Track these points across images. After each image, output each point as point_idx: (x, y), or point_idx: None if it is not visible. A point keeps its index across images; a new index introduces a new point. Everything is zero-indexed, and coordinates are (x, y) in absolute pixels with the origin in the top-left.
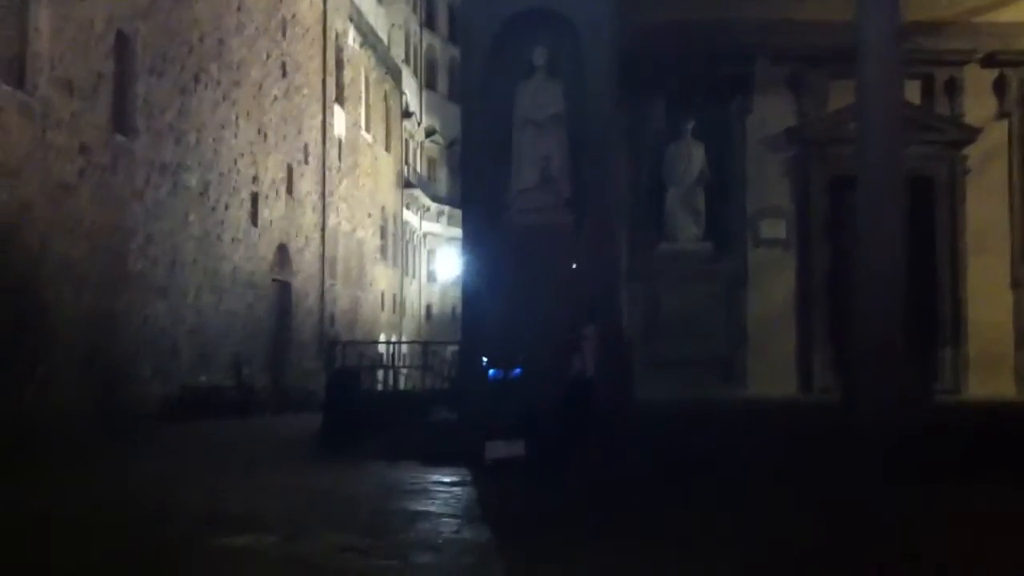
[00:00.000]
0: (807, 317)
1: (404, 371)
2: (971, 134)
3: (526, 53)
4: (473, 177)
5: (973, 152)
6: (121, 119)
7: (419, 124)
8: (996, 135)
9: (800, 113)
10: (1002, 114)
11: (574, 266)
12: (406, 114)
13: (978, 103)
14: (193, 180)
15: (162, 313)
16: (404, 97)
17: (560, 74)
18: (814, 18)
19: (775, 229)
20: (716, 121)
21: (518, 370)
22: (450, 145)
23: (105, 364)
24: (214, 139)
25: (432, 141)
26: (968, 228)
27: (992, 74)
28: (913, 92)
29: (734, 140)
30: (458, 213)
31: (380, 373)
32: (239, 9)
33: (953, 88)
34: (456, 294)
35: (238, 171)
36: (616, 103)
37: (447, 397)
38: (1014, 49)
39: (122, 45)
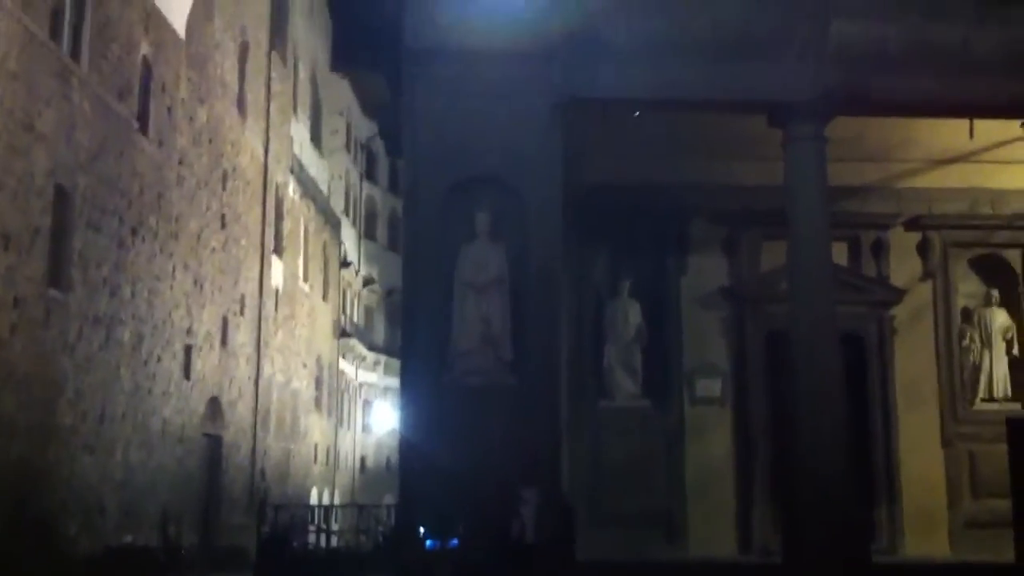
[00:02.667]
0: (746, 474)
1: (337, 531)
2: (897, 294)
3: (469, 216)
4: (414, 338)
5: (900, 312)
6: (56, 273)
7: (357, 273)
8: (921, 295)
9: (734, 272)
10: (926, 275)
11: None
12: (344, 264)
13: (903, 264)
14: (126, 334)
15: (89, 469)
16: (343, 247)
17: (503, 237)
18: (748, 182)
19: (712, 386)
20: (654, 279)
21: (455, 540)
22: (388, 294)
23: (31, 521)
24: (149, 291)
25: (370, 290)
26: (899, 385)
27: (916, 237)
28: (841, 254)
29: (670, 298)
30: (395, 362)
31: (313, 535)
32: (181, 162)
33: (879, 250)
34: (391, 445)
35: (172, 323)
36: (559, 264)
37: (383, 560)
38: (936, 213)
39: (61, 198)
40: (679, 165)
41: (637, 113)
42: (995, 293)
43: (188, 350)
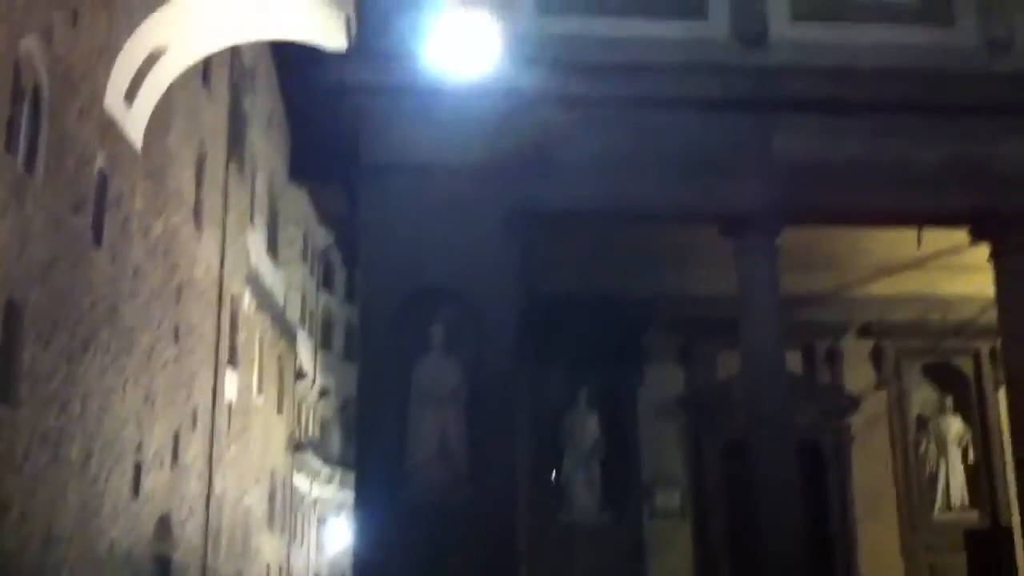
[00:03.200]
0: None
1: None
2: (853, 403)
3: (425, 328)
4: (369, 452)
5: (856, 420)
6: (4, 388)
7: (313, 384)
8: (876, 404)
9: (690, 381)
10: (880, 383)
11: None
12: (300, 375)
13: (858, 372)
14: (75, 450)
15: None
16: (298, 358)
17: (459, 349)
18: (702, 291)
19: (671, 498)
20: (610, 389)
21: None
22: (344, 406)
23: None
24: (100, 407)
25: (326, 402)
26: (857, 495)
27: (869, 344)
28: (796, 362)
29: (628, 409)
30: (351, 476)
31: None
32: (135, 275)
33: (833, 358)
34: (346, 564)
35: (122, 440)
36: (515, 377)
37: None
38: (887, 321)
39: (11, 312)
40: (633, 275)
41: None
42: (949, 400)
43: (138, 467)
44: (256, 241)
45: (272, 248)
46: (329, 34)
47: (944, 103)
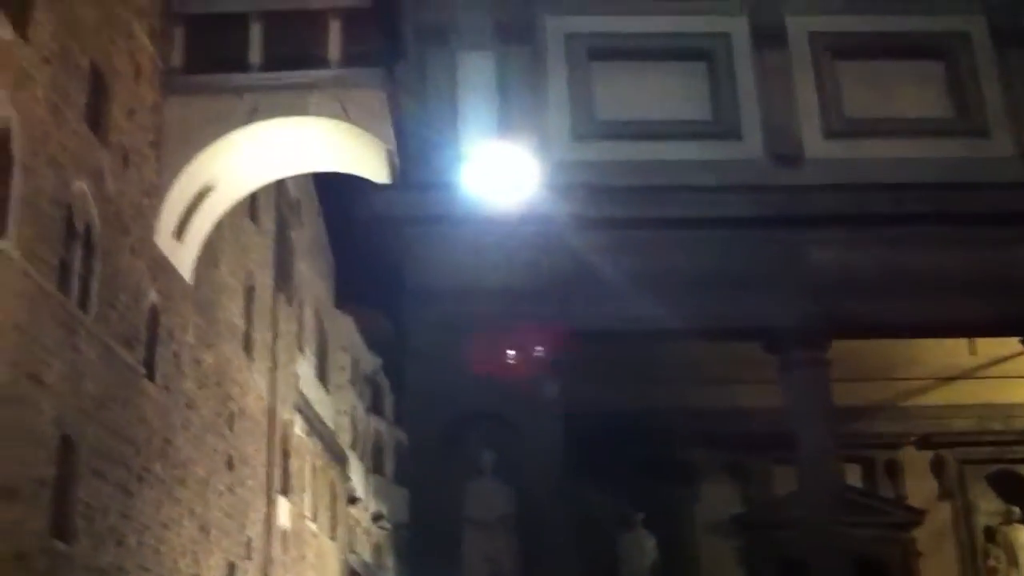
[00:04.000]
0: None
1: None
2: (917, 515)
3: (474, 452)
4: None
5: (921, 534)
6: (61, 524)
7: (366, 509)
8: (942, 515)
9: (746, 498)
10: (944, 494)
11: None
12: (352, 500)
13: (920, 484)
14: None
15: None
16: (350, 483)
17: (508, 473)
18: (752, 405)
19: None
20: (664, 508)
21: None
22: (397, 529)
23: None
24: (156, 540)
25: (379, 526)
26: None
27: (929, 455)
28: (855, 475)
29: (683, 529)
30: None
31: None
32: (187, 407)
33: (894, 470)
34: None
35: (179, 572)
36: (565, 500)
37: None
38: (948, 430)
39: (67, 448)
40: (680, 391)
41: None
42: (1016, 510)
43: None
44: (305, 368)
45: (321, 374)
46: (371, 166)
47: (981, 212)
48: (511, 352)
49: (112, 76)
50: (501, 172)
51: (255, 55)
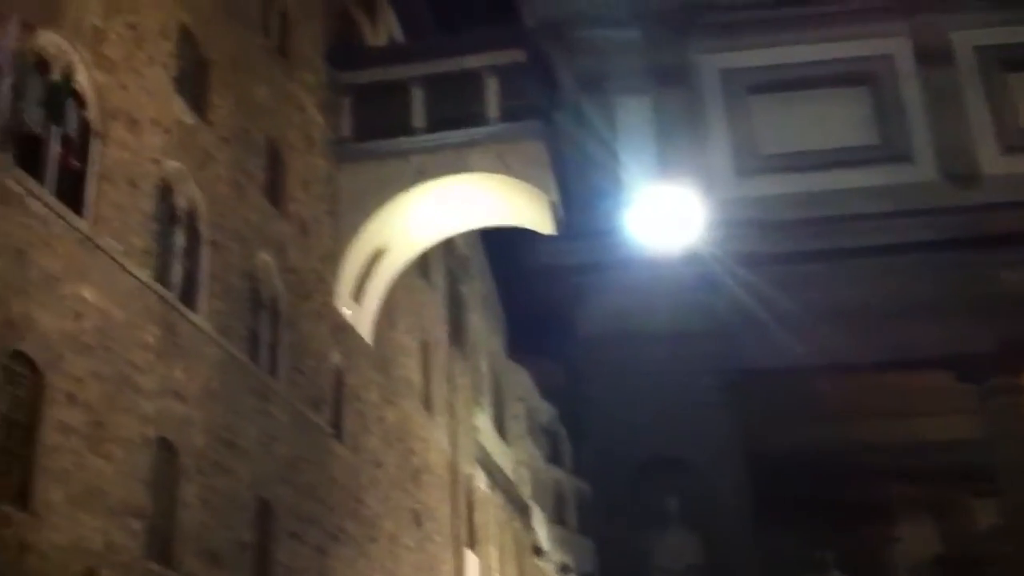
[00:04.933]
0: None
1: None
2: None
3: (657, 499)
4: None
5: None
6: None
7: (551, 561)
8: None
9: (947, 536)
10: None
11: None
12: (537, 552)
13: None
14: None
15: None
16: (535, 534)
17: (694, 518)
18: (946, 437)
19: None
20: (859, 550)
21: None
22: None
23: None
24: None
25: None
26: None
27: None
28: None
29: (880, 571)
30: None
31: None
32: (374, 464)
33: None
34: None
35: None
36: (751, 543)
37: None
38: None
39: (264, 511)
40: (867, 426)
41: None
42: None
43: None
44: (483, 421)
45: (499, 426)
46: (536, 217)
47: None
48: (686, 394)
49: (287, 150)
50: (665, 214)
51: (418, 118)
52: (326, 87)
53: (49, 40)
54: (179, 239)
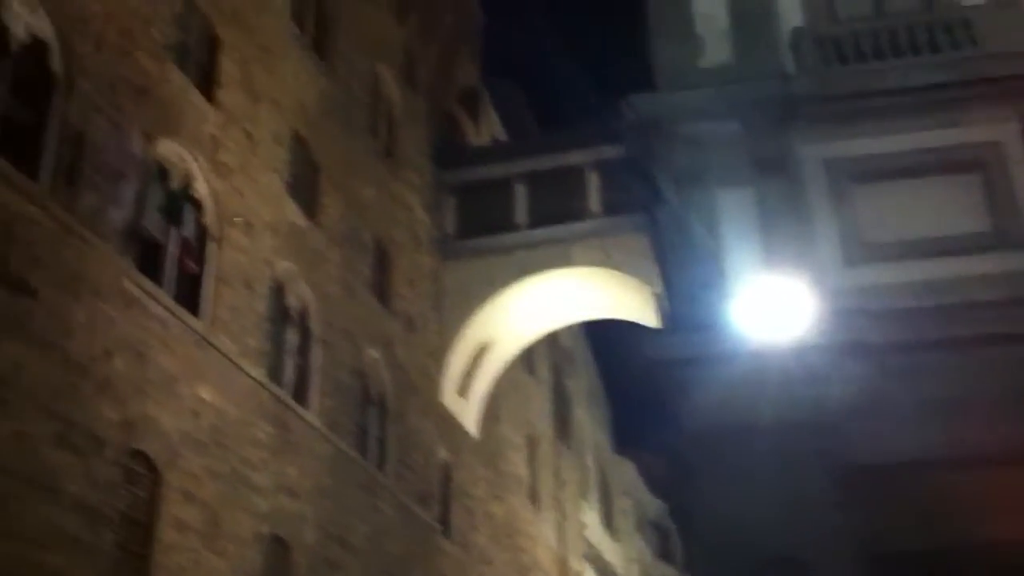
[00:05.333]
0: None
1: None
2: None
3: None
4: None
5: None
6: None
7: None
8: None
9: None
10: None
11: None
12: None
13: None
14: None
15: None
16: None
17: None
18: None
19: None
20: None
21: None
22: None
23: None
24: None
25: None
26: None
27: None
28: None
29: None
30: None
31: None
32: (482, 560)
33: None
34: None
35: None
36: None
37: None
38: None
39: None
40: (998, 523)
41: None
42: None
43: None
44: (591, 516)
45: (607, 521)
46: (640, 310)
47: None
48: (798, 490)
49: (393, 248)
50: (772, 306)
51: (521, 214)
52: (431, 186)
53: (169, 149)
54: (291, 338)
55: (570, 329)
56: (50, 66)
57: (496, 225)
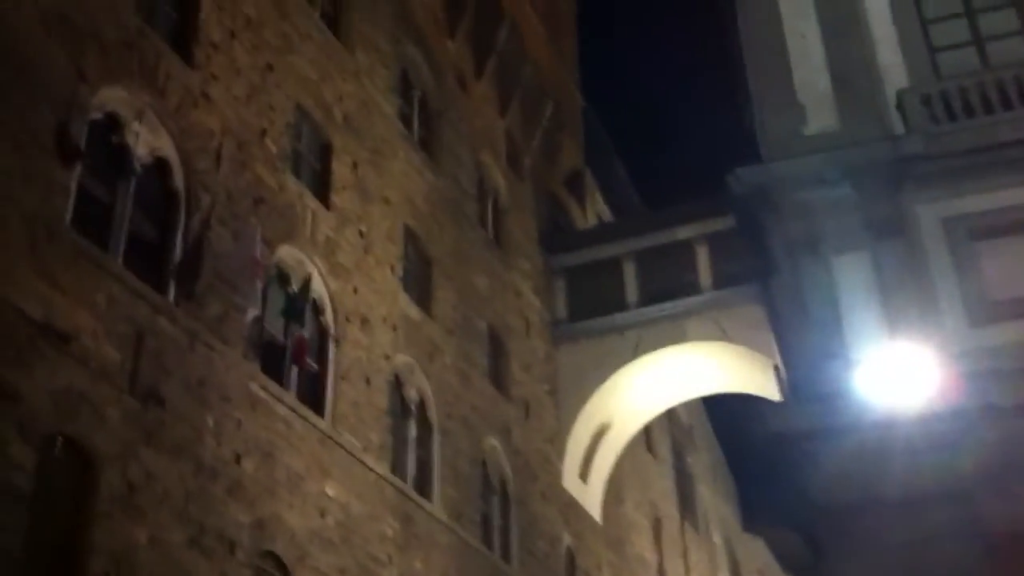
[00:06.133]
0: None
1: None
2: None
3: None
4: None
5: None
6: None
7: None
8: None
9: None
10: None
11: None
12: None
13: None
14: None
15: None
16: None
17: None
18: None
19: None
20: None
21: None
22: None
23: None
24: None
25: None
26: None
27: None
28: None
29: None
30: None
31: None
32: None
33: None
34: None
35: None
36: None
37: None
38: None
39: None
40: None
41: None
42: None
43: None
44: None
45: None
46: (759, 383)
47: None
48: (936, 564)
49: (507, 334)
50: (896, 372)
51: (631, 293)
52: (541, 271)
53: (288, 253)
54: (411, 430)
55: (689, 405)
56: (172, 183)
57: (607, 305)
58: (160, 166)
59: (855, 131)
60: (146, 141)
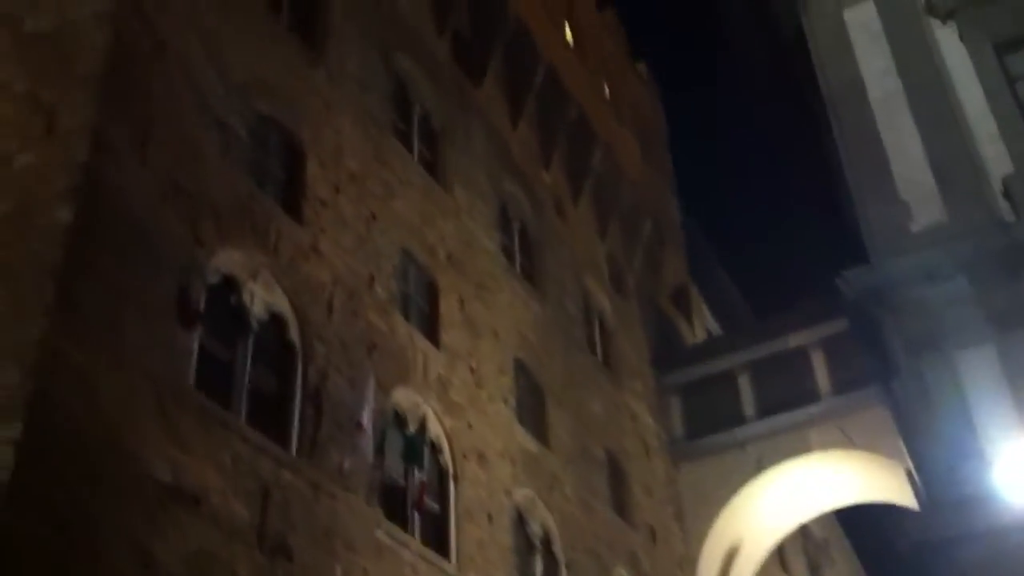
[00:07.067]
0: None
1: None
2: None
3: None
4: None
5: None
6: None
7: None
8: None
9: None
10: None
11: None
12: None
13: None
14: None
15: None
16: None
17: None
18: None
19: None
20: None
21: None
22: None
23: None
24: None
25: None
26: None
27: None
28: None
29: None
30: None
31: None
32: None
33: None
34: None
35: None
36: None
37: None
38: None
39: None
40: None
41: None
42: None
43: None
44: None
45: None
46: (893, 489)
47: None
48: None
49: (625, 459)
50: None
51: (748, 406)
52: (654, 391)
53: (403, 396)
54: (538, 566)
55: (821, 517)
56: (288, 336)
57: (725, 420)
58: (276, 321)
59: (964, 223)
60: (261, 299)
